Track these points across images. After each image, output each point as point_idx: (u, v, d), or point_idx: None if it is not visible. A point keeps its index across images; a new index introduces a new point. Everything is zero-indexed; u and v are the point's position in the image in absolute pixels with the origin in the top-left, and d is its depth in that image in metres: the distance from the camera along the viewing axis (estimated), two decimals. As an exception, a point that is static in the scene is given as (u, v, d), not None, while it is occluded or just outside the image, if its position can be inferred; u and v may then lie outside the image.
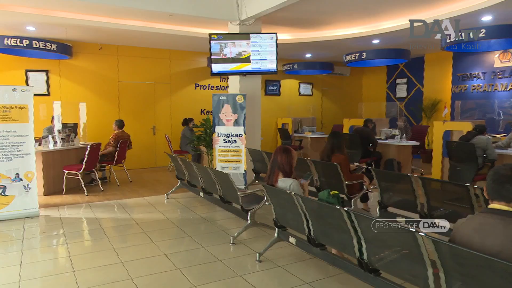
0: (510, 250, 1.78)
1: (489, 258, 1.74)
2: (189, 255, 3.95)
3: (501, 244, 1.81)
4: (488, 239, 1.85)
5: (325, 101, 12.67)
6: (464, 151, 5.91)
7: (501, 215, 1.86)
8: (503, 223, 1.83)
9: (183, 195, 6.55)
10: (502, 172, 1.90)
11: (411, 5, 6.76)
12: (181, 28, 8.04)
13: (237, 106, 6.78)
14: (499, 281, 1.79)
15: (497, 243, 1.82)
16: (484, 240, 1.86)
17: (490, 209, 1.93)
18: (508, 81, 8.96)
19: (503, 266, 1.71)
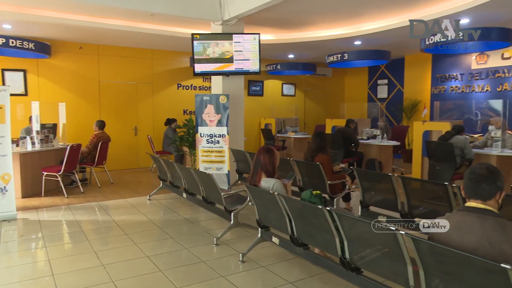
0: (486, 247, 1.82)
1: (466, 255, 1.78)
2: (171, 256, 3.92)
3: (478, 241, 1.85)
4: (465, 236, 1.90)
5: (308, 102, 12.76)
6: (442, 151, 6.04)
7: (478, 213, 1.91)
8: (480, 221, 1.88)
9: (166, 196, 6.49)
10: (478, 171, 1.95)
11: (391, 7, 6.88)
12: (164, 27, 7.96)
13: (220, 107, 6.76)
14: (476, 277, 1.83)
15: (474, 240, 1.87)
16: (461, 237, 1.91)
17: (467, 207, 1.98)
18: (485, 82, 9.21)
19: (479, 263, 1.75)
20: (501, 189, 1.94)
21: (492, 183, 1.92)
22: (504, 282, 1.65)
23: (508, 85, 8.74)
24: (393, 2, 6.60)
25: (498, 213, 1.93)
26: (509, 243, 1.79)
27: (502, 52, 8.72)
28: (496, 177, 1.93)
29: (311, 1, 6.34)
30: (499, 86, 8.91)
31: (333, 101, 12.81)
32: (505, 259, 1.76)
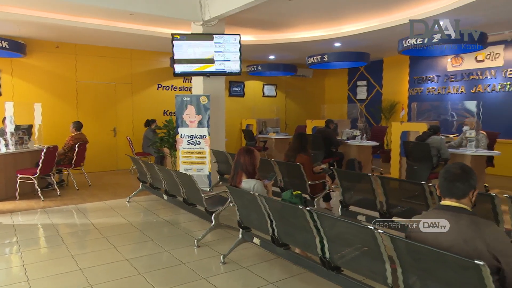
0: (461, 244, 1.87)
1: (441, 252, 1.82)
2: (151, 259, 3.87)
3: (453, 239, 1.90)
4: (441, 234, 1.94)
5: (288, 103, 12.83)
6: (419, 151, 6.17)
7: (452, 211, 1.96)
8: (454, 219, 1.93)
9: (146, 198, 6.41)
10: (452, 171, 2.01)
11: (370, 10, 7.00)
12: (143, 27, 7.87)
13: (201, 107, 6.72)
14: (451, 274, 1.88)
15: (449, 238, 1.91)
16: (437, 235, 1.95)
17: (442, 206, 2.03)
18: (460, 84, 9.46)
19: (454, 260, 1.80)
20: (474, 187, 1.99)
21: (465, 181, 1.98)
22: (477, 278, 1.70)
23: (481, 87, 9.01)
24: (371, 5, 6.71)
25: (471, 211, 1.98)
26: (482, 240, 1.85)
27: (476, 55, 8.98)
28: (470, 176, 1.99)
29: (292, 3, 6.38)
30: (473, 88, 9.17)
31: (314, 102, 12.93)
32: (478, 255, 1.81)
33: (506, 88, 8.58)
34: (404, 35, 7.10)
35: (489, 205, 3.07)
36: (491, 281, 1.67)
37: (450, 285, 1.92)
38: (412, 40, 6.73)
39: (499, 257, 1.84)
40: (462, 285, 1.86)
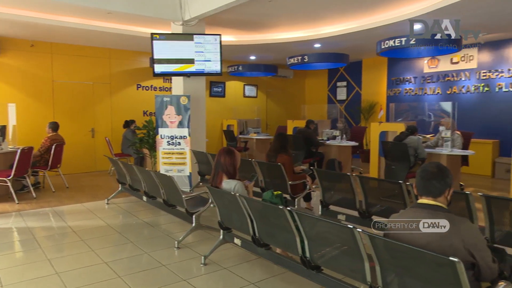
0: (437, 241, 1.92)
1: (418, 250, 1.87)
2: (131, 262, 3.81)
3: (429, 236, 1.95)
4: (417, 232, 1.99)
5: (269, 103, 12.87)
6: (397, 151, 6.29)
7: (429, 209, 2.01)
8: (431, 217, 1.98)
9: (125, 199, 6.31)
10: (429, 170, 2.06)
11: (349, 12, 7.09)
12: (122, 26, 7.75)
13: (181, 108, 6.67)
14: (428, 271, 1.92)
15: (426, 235, 1.96)
16: (414, 233, 2.00)
17: (419, 204, 2.07)
18: (436, 85, 9.70)
19: (431, 257, 1.84)
20: (449, 186, 2.05)
21: (442, 180, 2.03)
22: (453, 274, 1.75)
23: (456, 88, 9.26)
24: (350, 7, 6.80)
25: (447, 209, 2.04)
26: (458, 236, 1.90)
27: (451, 57, 9.22)
28: (445, 175, 2.04)
29: (271, 4, 6.40)
30: (448, 89, 9.41)
31: (294, 103, 13.01)
32: (454, 251, 1.86)
33: (479, 89, 8.84)
34: (382, 37, 7.23)
35: (464, 203, 3.15)
36: (466, 277, 1.72)
37: (427, 282, 1.97)
38: (389, 41, 6.87)
39: (473, 252, 1.90)
40: (438, 281, 1.91)
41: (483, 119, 8.74)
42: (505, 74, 8.41)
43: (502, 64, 8.48)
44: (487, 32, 7.70)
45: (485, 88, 8.75)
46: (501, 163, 8.11)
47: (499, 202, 3.14)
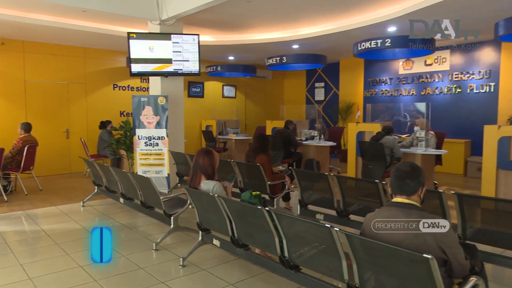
0: (411, 239, 1.97)
1: (393, 247, 1.91)
2: (108, 265, 3.73)
3: (404, 234, 1.99)
4: (393, 230, 2.03)
5: (248, 103, 12.88)
6: (374, 151, 6.41)
7: (403, 208, 2.06)
8: (405, 215, 2.03)
9: (101, 202, 6.19)
10: (402, 169, 2.11)
11: (326, 13, 7.18)
12: (97, 25, 7.60)
13: (159, 108, 6.59)
14: (403, 267, 1.97)
15: (400, 233, 2.00)
16: (389, 231, 2.04)
17: (394, 203, 2.12)
18: (411, 86, 9.93)
19: (405, 254, 1.89)
20: (423, 184, 2.10)
21: (415, 179, 2.08)
22: (426, 270, 1.80)
23: (430, 89, 9.51)
24: (327, 9, 6.89)
25: (421, 207, 2.09)
26: (431, 235, 1.95)
27: (425, 59, 9.46)
28: (419, 174, 2.10)
29: (250, 4, 6.41)
30: (422, 90, 9.66)
31: (273, 103, 13.06)
32: (427, 248, 1.91)
33: (452, 90, 9.11)
34: (359, 38, 7.36)
35: (437, 201, 3.24)
36: (438, 273, 1.77)
37: (402, 278, 2.01)
38: (366, 43, 6.99)
39: (445, 249, 1.96)
40: (413, 278, 1.96)
41: (456, 119, 9.01)
42: (476, 76, 8.70)
43: (473, 66, 8.77)
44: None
45: (457, 90, 9.02)
46: (473, 162, 8.38)
47: (471, 200, 3.25)
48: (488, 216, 3.19)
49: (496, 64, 8.40)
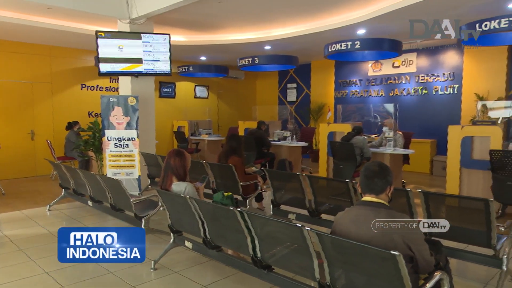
0: (379, 237, 2.02)
1: (362, 245, 1.95)
2: (76, 270, 3.62)
3: (372, 232, 2.04)
4: (362, 228, 2.08)
5: (221, 104, 12.83)
6: (344, 150, 6.53)
7: (372, 206, 2.11)
8: (374, 213, 2.08)
9: (69, 205, 6.00)
10: (371, 168, 2.16)
11: (297, 15, 7.26)
12: (64, 23, 7.36)
13: (129, 108, 6.46)
14: (372, 265, 2.02)
15: (369, 231, 2.05)
16: (359, 229, 2.09)
17: (363, 202, 2.17)
18: (379, 88, 10.19)
19: (374, 252, 1.93)
20: (390, 183, 2.16)
21: (383, 178, 2.14)
22: (394, 267, 1.85)
23: (398, 90, 9.79)
24: (299, 11, 6.97)
25: (389, 206, 2.15)
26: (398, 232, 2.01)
27: (393, 61, 9.74)
28: (387, 173, 2.15)
29: (221, 5, 6.40)
30: (391, 91, 9.93)
31: (246, 104, 13.07)
32: (395, 246, 1.97)
33: (418, 92, 9.42)
34: (330, 40, 7.48)
35: (404, 199, 3.34)
36: (406, 269, 1.83)
37: (371, 275, 2.06)
38: (336, 45, 7.12)
39: (411, 246, 2.02)
40: (381, 275, 2.01)
41: (422, 120, 9.32)
42: (441, 78, 9.03)
43: (438, 68, 9.10)
44: (424, 38, 8.21)
45: (424, 91, 9.33)
46: (438, 161, 8.69)
47: (436, 197, 3.37)
48: (452, 213, 3.32)
49: (459, 67, 8.76)
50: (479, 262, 3.19)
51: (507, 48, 7.91)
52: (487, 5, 5.76)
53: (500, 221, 3.29)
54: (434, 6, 5.87)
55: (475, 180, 5.57)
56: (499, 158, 4.82)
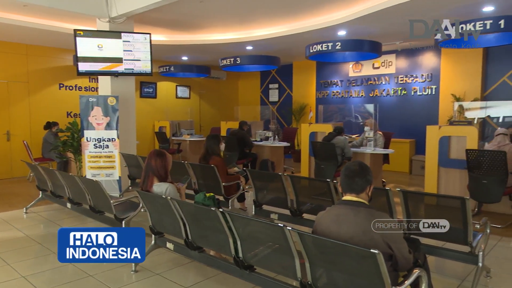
0: (359, 235, 2.05)
1: (343, 244, 1.97)
2: (54, 274, 3.55)
3: (353, 231, 2.07)
4: (342, 227, 2.10)
5: (202, 104, 12.77)
6: (326, 150, 6.58)
7: (352, 205, 2.14)
8: (354, 212, 2.10)
9: (47, 207, 5.86)
10: (352, 168, 2.19)
11: (279, 16, 7.29)
12: (41, 21, 7.19)
13: (108, 109, 6.36)
14: (352, 263, 2.05)
15: (350, 230, 2.08)
16: (339, 228, 2.11)
17: (343, 201, 2.20)
18: (360, 88, 10.33)
19: (354, 250, 1.96)
20: (370, 183, 2.19)
21: (363, 177, 2.17)
22: (374, 265, 1.88)
23: (378, 91, 9.95)
24: (280, 11, 7.00)
25: (369, 205, 2.18)
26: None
27: (373, 62, 9.89)
28: (367, 173, 2.19)
29: (203, 4, 6.36)
30: (371, 92, 10.08)
31: (228, 104, 13.04)
32: (375, 244, 2.00)
33: (398, 92, 9.59)
34: (311, 41, 7.54)
35: (384, 198, 3.39)
36: (385, 267, 1.86)
37: (352, 274, 2.09)
38: (317, 46, 7.18)
39: (391, 244, 2.05)
40: (361, 273, 2.04)
41: (401, 120, 9.49)
42: (419, 79, 9.22)
43: (416, 70, 9.29)
44: (403, 40, 8.38)
45: (403, 92, 9.51)
46: (417, 160, 8.86)
47: (415, 196, 3.44)
48: (430, 211, 3.39)
49: (436, 68, 8.96)
50: (456, 259, 3.28)
51: (483, 50, 8.14)
52: (464, 8, 5.90)
53: (476, 219, 3.38)
54: (413, 8, 5.98)
55: (452, 179, 5.71)
56: (475, 158, 4.95)
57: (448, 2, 5.78)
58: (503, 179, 4.76)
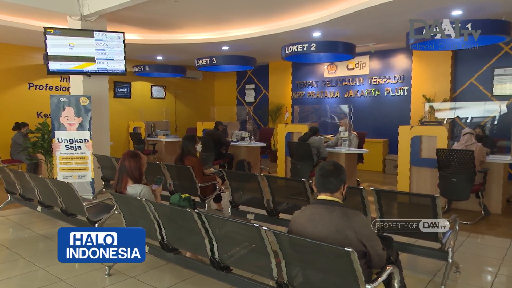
0: (334, 234, 2.08)
1: (318, 243, 2.00)
2: (24, 279, 3.43)
3: (328, 229, 2.10)
4: (317, 226, 2.13)
5: (178, 105, 12.64)
6: (302, 150, 6.65)
7: (327, 205, 2.17)
8: (328, 211, 2.13)
9: (16, 211, 5.66)
10: (326, 168, 2.22)
11: (255, 16, 7.32)
12: (8, 18, 6.94)
13: (81, 109, 6.21)
14: (327, 262, 2.07)
15: (325, 229, 2.11)
16: (314, 227, 2.14)
17: (318, 200, 2.22)
18: (335, 89, 10.48)
19: (329, 249, 1.99)
20: (344, 182, 2.23)
21: (337, 177, 2.20)
22: (348, 263, 1.91)
23: (352, 92, 10.12)
24: (256, 12, 7.02)
25: (343, 204, 2.22)
26: (351, 229, 2.08)
27: (348, 64, 10.05)
28: (341, 172, 2.22)
29: (178, 4, 6.30)
30: (346, 92, 10.25)
31: (204, 104, 12.97)
32: (349, 243, 2.03)
33: (371, 93, 9.79)
34: (286, 42, 7.60)
35: (358, 197, 3.46)
36: (359, 265, 1.89)
37: (327, 272, 2.12)
38: (293, 47, 7.24)
39: (365, 242, 2.09)
40: (336, 271, 2.07)
41: (375, 120, 9.69)
42: (392, 80, 9.44)
43: (389, 71, 9.51)
44: (376, 42, 8.56)
45: (376, 92, 9.71)
46: (390, 159, 9.07)
47: (388, 195, 3.52)
48: (402, 209, 3.48)
49: (408, 70, 9.20)
50: (427, 256, 3.38)
51: (451, 52, 8.42)
52: (435, 11, 6.08)
53: (445, 216, 3.49)
54: (385, 11, 6.12)
55: (424, 178, 5.87)
56: (445, 157, 5.12)
57: (417, 6, 5.94)
58: (471, 177, 4.94)
